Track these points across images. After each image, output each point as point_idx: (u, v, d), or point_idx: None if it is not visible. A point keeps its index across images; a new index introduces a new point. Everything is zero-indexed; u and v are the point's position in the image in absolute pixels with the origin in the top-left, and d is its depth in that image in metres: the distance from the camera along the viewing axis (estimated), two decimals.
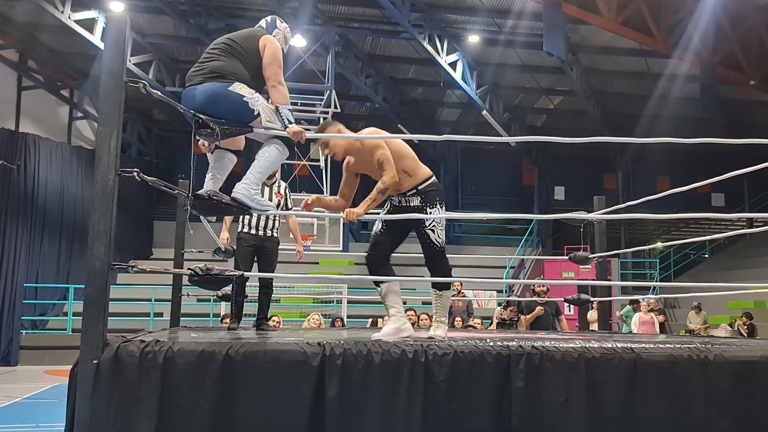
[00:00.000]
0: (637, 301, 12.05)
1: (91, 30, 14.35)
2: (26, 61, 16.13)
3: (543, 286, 9.55)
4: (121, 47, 3.15)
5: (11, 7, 14.91)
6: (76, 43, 15.38)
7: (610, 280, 13.36)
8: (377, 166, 4.05)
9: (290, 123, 3.85)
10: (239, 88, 3.75)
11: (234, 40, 3.93)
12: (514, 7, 14.61)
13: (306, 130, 3.96)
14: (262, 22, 4.21)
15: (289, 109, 3.89)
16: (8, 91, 15.95)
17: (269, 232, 5.70)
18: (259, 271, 5.64)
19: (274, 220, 5.71)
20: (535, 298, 9.26)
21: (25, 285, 14.54)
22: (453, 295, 10.84)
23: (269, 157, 3.87)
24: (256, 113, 3.77)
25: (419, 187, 4.14)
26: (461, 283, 11.26)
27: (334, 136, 4.10)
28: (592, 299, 7.26)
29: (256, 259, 5.70)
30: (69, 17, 14.02)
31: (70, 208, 16.02)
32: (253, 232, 5.64)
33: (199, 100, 3.69)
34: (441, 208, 4.20)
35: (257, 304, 5.67)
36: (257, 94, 3.83)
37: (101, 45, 14.22)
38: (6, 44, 15.57)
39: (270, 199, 5.68)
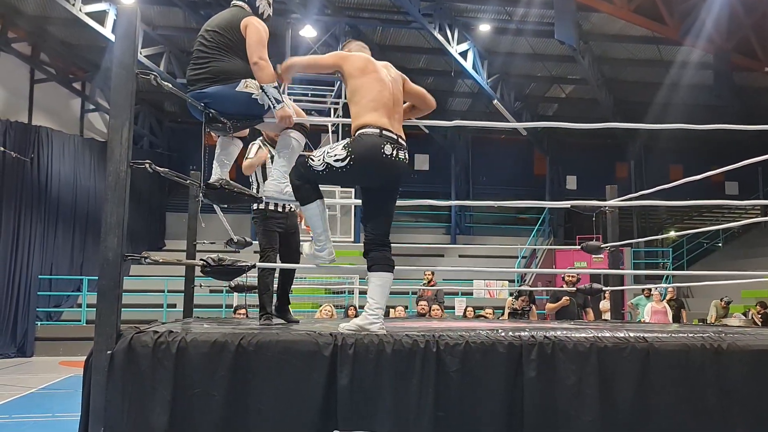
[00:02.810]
0: (649, 290, 11.99)
1: (102, 22, 14.38)
2: (38, 54, 16.21)
3: (573, 276, 9.31)
4: (131, 39, 3.16)
5: (23, 0, 14.97)
6: (87, 35, 15.43)
7: (622, 269, 13.32)
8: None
9: (278, 103, 3.77)
10: (245, 85, 3.75)
11: (220, 33, 3.86)
12: None
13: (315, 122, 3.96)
14: None
15: (275, 87, 3.77)
16: (21, 84, 16.03)
17: (292, 206, 5.28)
18: (284, 254, 5.25)
19: None
20: (564, 288, 9.08)
21: (39, 277, 14.68)
22: (424, 283, 10.83)
23: (289, 148, 3.92)
24: (266, 107, 3.80)
25: (354, 133, 3.61)
26: (432, 273, 11.18)
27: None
28: (604, 288, 7.24)
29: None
30: (80, 10, 14.05)
31: (82, 200, 16.13)
32: (279, 209, 5.22)
33: (207, 104, 3.71)
34: (344, 150, 3.48)
35: (278, 288, 5.30)
36: None
37: (112, 37, 14.27)
38: (18, 37, 15.65)
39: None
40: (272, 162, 5.22)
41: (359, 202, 3.95)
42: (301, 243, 5.26)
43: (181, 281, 6.23)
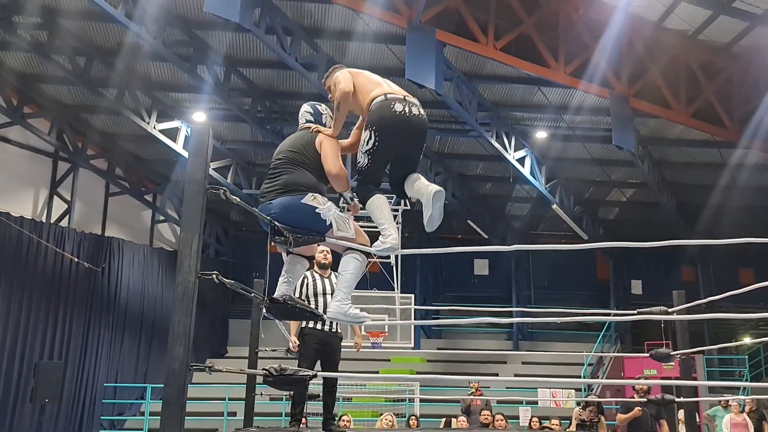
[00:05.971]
0: (726, 400, 11.36)
1: (174, 138, 15.22)
2: (114, 169, 17.11)
3: (644, 384, 8.99)
4: (203, 156, 3.33)
5: (103, 120, 16.01)
6: (160, 150, 16.32)
7: (695, 378, 12.71)
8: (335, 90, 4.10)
9: (351, 201, 3.97)
10: (311, 199, 3.87)
11: (295, 151, 4.05)
12: (581, 102, 14.73)
13: (368, 229, 4.06)
14: (308, 116, 4.29)
15: (351, 195, 4.03)
16: (97, 197, 16.90)
17: (334, 328, 5.69)
18: (323, 370, 5.58)
19: None
20: (634, 398, 8.76)
21: (104, 385, 14.90)
22: (470, 393, 10.56)
23: (351, 269, 3.94)
24: (328, 223, 3.87)
25: (368, 113, 3.97)
26: (478, 382, 10.96)
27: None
28: (677, 399, 6.91)
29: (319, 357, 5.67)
30: (154, 127, 14.94)
31: (149, 307, 16.53)
32: (318, 327, 5.62)
33: (274, 214, 3.84)
34: (367, 131, 3.89)
35: (322, 403, 5.57)
36: (330, 203, 3.93)
37: (182, 152, 15.05)
38: (96, 154, 16.62)
39: (331, 291, 5.69)
40: (317, 283, 5.69)
41: (420, 307, 4.05)
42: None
43: (243, 389, 6.26)
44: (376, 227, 3.92)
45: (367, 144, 3.86)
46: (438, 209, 3.86)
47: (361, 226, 4.15)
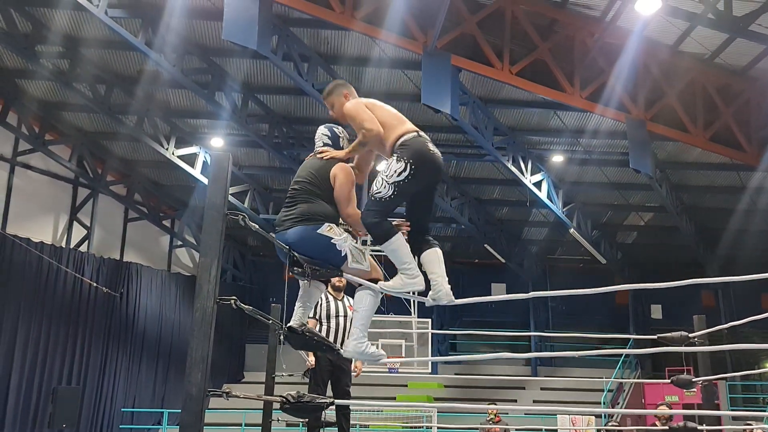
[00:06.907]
0: (751, 431, 11.13)
1: (192, 164, 15.35)
2: (133, 195, 17.28)
3: (666, 412, 8.89)
4: (223, 183, 3.36)
5: (122, 146, 16.21)
6: (178, 176, 16.47)
7: (718, 405, 12.50)
8: (360, 128, 4.06)
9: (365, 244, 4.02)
10: (327, 229, 3.85)
11: (309, 181, 4.03)
12: (598, 126, 14.72)
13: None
14: (325, 139, 4.30)
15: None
16: (116, 223, 17.05)
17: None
18: (334, 392, 5.69)
19: (346, 337, 5.77)
20: (656, 425, 8.65)
21: (122, 409, 14.91)
22: (489, 420, 10.46)
23: (366, 305, 3.91)
24: (343, 254, 3.85)
25: (395, 146, 3.97)
26: (497, 408, 10.92)
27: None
28: (700, 427, 6.80)
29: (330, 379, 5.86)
30: (173, 153, 15.09)
31: (167, 332, 16.59)
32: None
33: (290, 243, 3.83)
34: (400, 162, 3.84)
35: (336, 427, 5.65)
36: (346, 234, 3.91)
37: (201, 177, 15.20)
38: (116, 180, 16.81)
39: (344, 313, 5.92)
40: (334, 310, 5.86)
41: (437, 331, 4.04)
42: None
43: (259, 414, 6.24)
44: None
45: (398, 175, 3.84)
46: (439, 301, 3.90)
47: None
